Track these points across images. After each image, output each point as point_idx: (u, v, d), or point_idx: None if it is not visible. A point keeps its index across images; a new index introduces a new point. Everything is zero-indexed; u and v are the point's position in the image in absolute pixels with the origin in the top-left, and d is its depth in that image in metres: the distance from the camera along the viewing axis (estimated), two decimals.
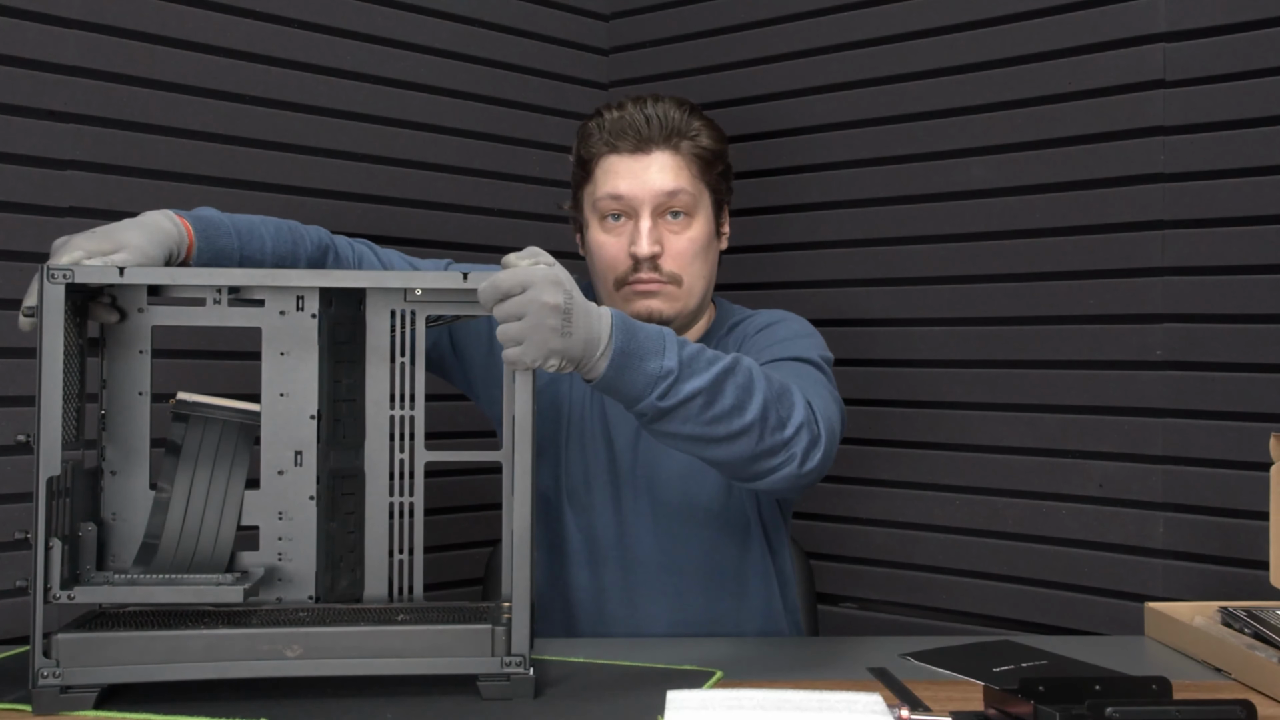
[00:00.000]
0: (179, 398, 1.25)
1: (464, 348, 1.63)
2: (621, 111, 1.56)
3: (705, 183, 1.58)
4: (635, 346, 1.19)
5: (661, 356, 1.20)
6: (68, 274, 1.13)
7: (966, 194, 2.01)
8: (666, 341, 1.22)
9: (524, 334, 1.14)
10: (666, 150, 1.55)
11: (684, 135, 1.56)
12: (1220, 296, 1.78)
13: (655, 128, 1.54)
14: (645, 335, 1.21)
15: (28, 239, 1.69)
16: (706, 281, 1.60)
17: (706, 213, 1.58)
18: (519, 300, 1.14)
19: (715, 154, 1.58)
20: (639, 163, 1.55)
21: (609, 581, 1.60)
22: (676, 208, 1.55)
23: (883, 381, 2.08)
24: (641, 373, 1.19)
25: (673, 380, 1.20)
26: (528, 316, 1.14)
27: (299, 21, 1.97)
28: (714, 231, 1.61)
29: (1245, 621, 1.34)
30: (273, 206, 1.92)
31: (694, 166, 1.56)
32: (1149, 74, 1.83)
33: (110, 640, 1.13)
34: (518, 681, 1.16)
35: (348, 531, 1.28)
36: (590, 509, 1.61)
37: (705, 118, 1.61)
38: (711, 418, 1.23)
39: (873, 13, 2.11)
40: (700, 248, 1.57)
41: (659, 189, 1.54)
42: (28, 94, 1.69)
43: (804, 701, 1.11)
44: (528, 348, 1.14)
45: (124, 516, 1.24)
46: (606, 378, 1.19)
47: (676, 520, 1.59)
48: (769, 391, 1.27)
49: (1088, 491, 1.89)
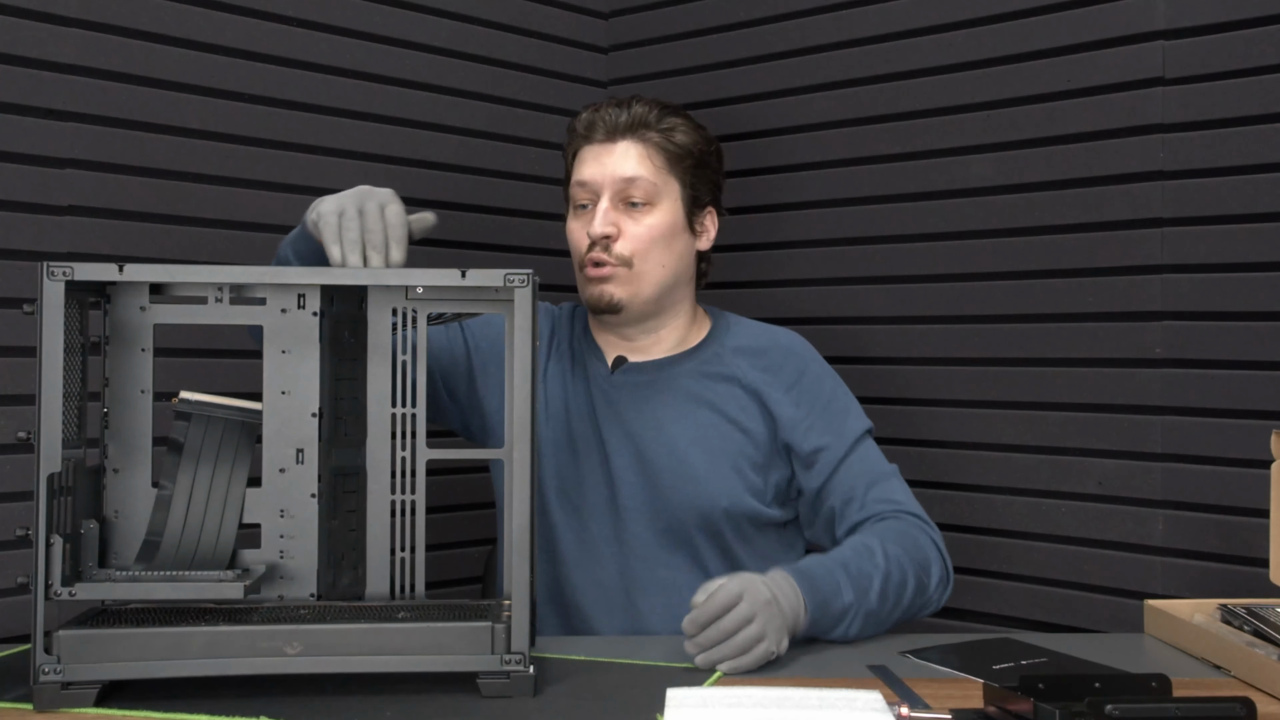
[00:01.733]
0: (181, 396, 1.26)
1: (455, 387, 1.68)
2: (601, 109, 1.63)
3: (674, 175, 1.61)
4: (820, 594, 1.35)
5: (840, 594, 1.38)
6: (67, 272, 1.13)
7: (965, 192, 2.01)
8: (837, 576, 1.39)
9: (763, 629, 1.27)
10: (632, 139, 1.61)
11: (653, 128, 1.61)
12: (1219, 294, 1.78)
13: (624, 120, 1.61)
14: (821, 579, 1.37)
15: (26, 238, 1.69)
16: (667, 272, 1.62)
17: (673, 205, 1.61)
18: (744, 607, 1.27)
19: (687, 150, 1.62)
20: (605, 150, 1.61)
21: (607, 578, 1.60)
22: (635, 195, 1.59)
23: (881, 379, 2.08)
24: (830, 615, 1.37)
25: (854, 613, 1.39)
26: (758, 615, 1.27)
27: (298, 20, 1.97)
28: (683, 226, 1.63)
29: (1245, 619, 1.35)
30: (272, 205, 1.92)
31: (659, 158, 1.60)
32: (1148, 71, 1.83)
33: (111, 637, 1.13)
34: (518, 679, 1.17)
35: (349, 529, 1.28)
36: (582, 509, 1.61)
37: (688, 119, 1.65)
38: (879, 623, 1.43)
39: (871, 11, 2.11)
40: (659, 236, 1.60)
41: (618, 174, 1.59)
42: (26, 92, 1.69)
43: (804, 699, 1.12)
44: (771, 639, 1.27)
45: (126, 514, 1.24)
46: (810, 627, 1.35)
47: (677, 522, 1.59)
48: (917, 569, 1.48)
49: (1087, 489, 1.90)
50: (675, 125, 1.62)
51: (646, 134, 1.60)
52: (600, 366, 1.66)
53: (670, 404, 1.62)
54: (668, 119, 1.62)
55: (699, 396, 1.63)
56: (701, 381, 1.64)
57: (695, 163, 1.63)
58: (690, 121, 1.65)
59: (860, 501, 1.56)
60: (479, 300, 1.25)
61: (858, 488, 1.57)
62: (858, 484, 1.58)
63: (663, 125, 1.61)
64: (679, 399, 1.63)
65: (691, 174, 1.63)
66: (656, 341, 1.66)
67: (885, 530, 1.50)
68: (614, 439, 1.61)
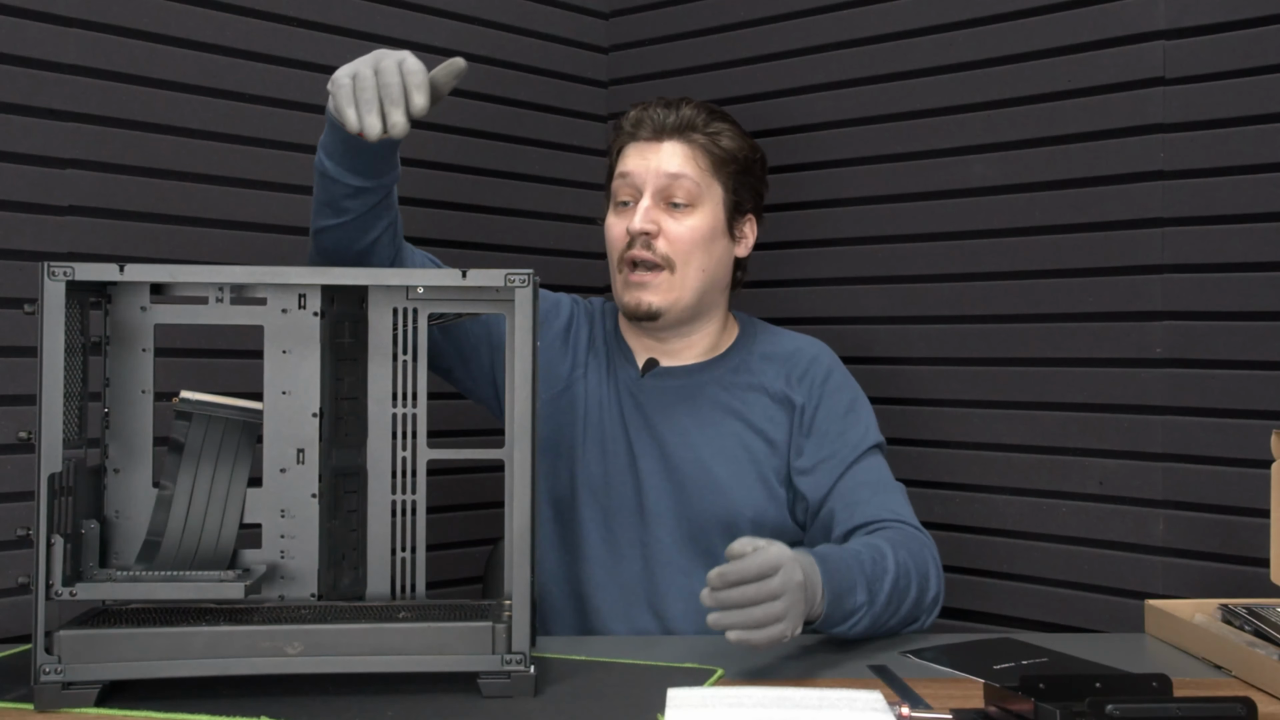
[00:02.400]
0: (181, 396, 1.26)
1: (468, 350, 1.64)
2: (649, 108, 1.63)
3: (718, 179, 1.62)
4: (838, 585, 1.31)
5: (855, 593, 1.34)
6: (68, 272, 1.13)
7: (966, 192, 2.01)
8: (854, 574, 1.35)
9: (785, 610, 1.21)
10: (679, 140, 1.61)
11: (700, 130, 1.61)
12: (1220, 294, 1.78)
13: (673, 120, 1.61)
14: (840, 572, 1.33)
15: (27, 238, 1.69)
16: (706, 277, 1.61)
17: (715, 208, 1.62)
18: (775, 582, 1.21)
19: (732, 155, 1.63)
20: (650, 148, 1.61)
21: (629, 580, 1.59)
22: (678, 195, 1.59)
23: (882, 379, 2.08)
24: (841, 610, 1.33)
25: (863, 614, 1.36)
26: (785, 595, 1.21)
27: (299, 20, 1.97)
28: (723, 230, 1.64)
29: (1245, 619, 1.35)
30: (273, 206, 1.92)
31: (704, 159, 1.60)
32: (1148, 71, 1.83)
33: (112, 637, 1.13)
34: (518, 679, 1.17)
35: (350, 529, 1.28)
36: (609, 509, 1.61)
37: (734, 124, 1.66)
38: (878, 627, 1.40)
39: (872, 10, 2.11)
40: (700, 238, 1.59)
41: (662, 170, 1.59)
42: (27, 92, 1.69)
43: (804, 699, 1.12)
44: (789, 622, 1.22)
45: (127, 514, 1.24)
46: (820, 620, 1.31)
47: (701, 530, 1.58)
48: (920, 580, 1.45)
49: (1087, 489, 1.90)
50: (722, 130, 1.63)
51: (693, 135, 1.61)
52: (630, 369, 1.65)
53: (698, 412, 1.62)
54: (715, 123, 1.63)
55: (727, 406, 1.63)
56: (730, 390, 1.64)
57: (740, 168, 1.64)
58: (737, 128, 1.66)
59: (862, 507, 1.55)
60: (479, 300, 1.26)
61: (860, 494, 1.56)
62: (860, 491, 1.57)
63: (710, 129, 1.62)
64: (707, 407, 1.63)
65: (735, 179, 1.63)
66: (688, 346, 1.66)
67: (894, 536, 1.49)
68: (641, 442, 1.61)
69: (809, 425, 1.61)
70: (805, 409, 1.62)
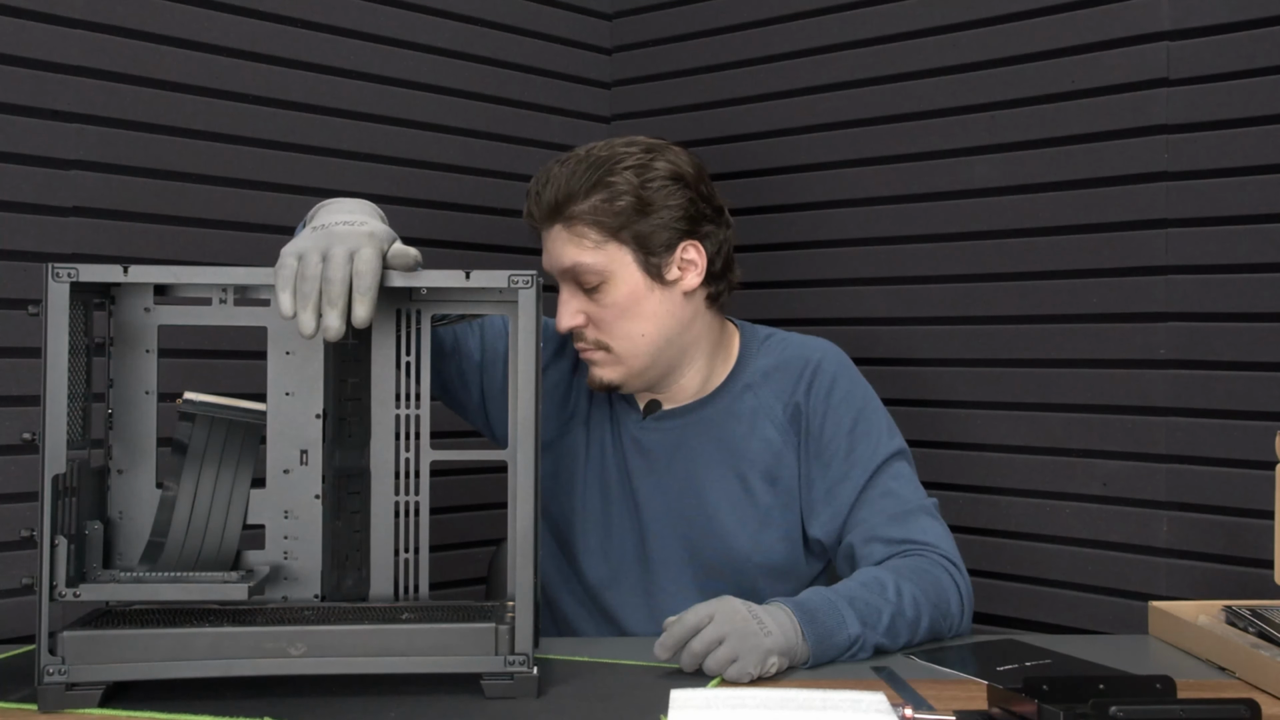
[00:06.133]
0: (185, 397, 1.26)
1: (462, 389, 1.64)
2: (534, 183, 1.54)
3: (617, 240, 1.48)
4: (820, 626, 1.29)
5: (845, 626, 1.31)
6: (72, 273, 1.13)
7: (969, 193, 2.01)
8: (840, 609, 1.31)
9: (736, 651, 1.21)
10: (560, 224, 1.50)
11: (581, 199, 1.47)
12: (1224, 295, 1.78)
13: (549, 199, 1.50)
14: (821, 611, 1.30)
15: (31, 239, 1.69)
16: (650, 339, 1.51)
17: (626, 272, 1.49)
18: (712, 628, 1.22)
19: (626, 209, 1.47)
20: (544, 236, 1.54)
21: (636, 611, 1.59)
22: (584, 280, 1.49)
23: (885, 380, 2.07)
24: (834, 646, 1.30)
25: (861, 643, 1.32)
26: (729, 637, 1.22)
27: (302, 21, 1.97)
28: (647, 287, 1.50)
29: (1249, 620, 1.34)
30: (276, 206, 1.93)
31: (594, 232, 1.48)
32: (1152, 72, 1.83)
33: (116, 638, 1.14)
34: (521, 680, 1.17)
35: (353, 530, 1.28)
36: (611, 557, 1.60)
37: (627, 161, 1.49)
38: (890, 649, 1.36)
39: (875, 12, 2.11)
40: (623, 311, 1.50)
41: (559, 266, 1.51)
42: (31, 93, 1.70)
43: (808, 700, 1.11)
44: (744, 660, 1.21)
45: (130, 515, 1.24)
46: (813, 659, 1.29)
47: (706, 575, 1.57)
48: (932, 611, 1.40)
49: (1091, 490, 1.89)
50: (609, 184, 1.47)
51: (572, 210, 1.48)
52: (633, 412, 1.61)
53: (701, 454, 1.57)
54: (601, 179, 1.47)
55: (732, 447, 1.56)
56: (731, 425, 1.57)
57: (637, 212, 1.47)
58: (630, 162, 1.48)
59: (882, 540, 1.48)
60: (483, 301, 1.26)
61: (878, 524, 1.49)
62: (878, 519, 1.49)
63: (594, 194, 1.47)
64: (711, 448, 1.57)
65: (640, 227, 1.48)
66: (681, 389, 1.59)
67: (901, 566, 1.43)
68: (644, 489, 1.58)
69: (816, 444, 1.54)
70: (811, 420, 1.55)
